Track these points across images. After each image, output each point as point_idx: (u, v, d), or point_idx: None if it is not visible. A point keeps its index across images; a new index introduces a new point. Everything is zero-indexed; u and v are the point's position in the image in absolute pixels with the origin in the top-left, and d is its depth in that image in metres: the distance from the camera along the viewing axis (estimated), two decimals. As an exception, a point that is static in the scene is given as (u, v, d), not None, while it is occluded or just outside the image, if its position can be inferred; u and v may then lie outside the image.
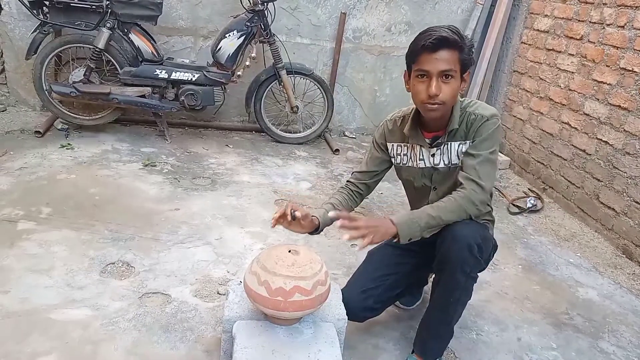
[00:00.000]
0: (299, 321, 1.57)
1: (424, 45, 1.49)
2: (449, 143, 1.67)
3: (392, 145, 1.81)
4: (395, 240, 1.54)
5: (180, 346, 1.74)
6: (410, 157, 1.76)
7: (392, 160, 1.83)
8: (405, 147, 1.76)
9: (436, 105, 1.54)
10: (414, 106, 1.69)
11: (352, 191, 1.85)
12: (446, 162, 1.70)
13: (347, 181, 1.88)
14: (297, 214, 1.57)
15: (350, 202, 1.83)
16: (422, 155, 1.72)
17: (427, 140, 1.70)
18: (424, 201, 1.77)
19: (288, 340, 1.51)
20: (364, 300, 1.74)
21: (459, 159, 1.67)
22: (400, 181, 1.91)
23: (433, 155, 1.70)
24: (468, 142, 1.65)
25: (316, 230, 1.69)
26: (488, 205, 1.74)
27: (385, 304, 1.83)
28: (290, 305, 1.44)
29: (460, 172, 1.63)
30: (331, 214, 1.53)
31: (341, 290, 1.76)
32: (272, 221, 1.59)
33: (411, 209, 1.92)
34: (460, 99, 1.67)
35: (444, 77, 1.52)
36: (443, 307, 1.67)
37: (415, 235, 1.53)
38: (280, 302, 1.43)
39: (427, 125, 1.70)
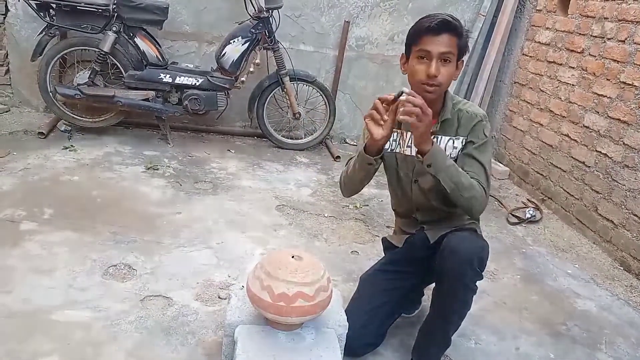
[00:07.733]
0: (300, 327, 1.58)
1: (429, 27, 1.55)
2: (440, 137, 1.70)
3: None
4: (418, 157, 1.54)
5: (181, 349, 1.75)
6: (399, 143, 1.78)
7: None
8: (395, 133, 1.78)
9: (433, 87, 1.59)
10: None
11: None
12: None
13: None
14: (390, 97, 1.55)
15: None
16: (411, 142, 1.74)
17: None
18: (406, 196, 1.82)
19: (289, 346, 1.52)
20: (361, 337, 1.73)
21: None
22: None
23: None
24: (461, 138, 1.69)
25: (379, 155, 1.66)
26: None
27: (383, 337, 1.83)
28: (292, 310, 1.45)
29: (472, 175, 1.64)
30: (405, 89, 1.49)
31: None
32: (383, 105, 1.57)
33: (393, 206, 1.98)
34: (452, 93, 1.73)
35: (442, 60, 1.57)
36: (442, 318, 1.69)
37: (438, 167, 1.54)
38: (283, 307, 1.45)
39: None
